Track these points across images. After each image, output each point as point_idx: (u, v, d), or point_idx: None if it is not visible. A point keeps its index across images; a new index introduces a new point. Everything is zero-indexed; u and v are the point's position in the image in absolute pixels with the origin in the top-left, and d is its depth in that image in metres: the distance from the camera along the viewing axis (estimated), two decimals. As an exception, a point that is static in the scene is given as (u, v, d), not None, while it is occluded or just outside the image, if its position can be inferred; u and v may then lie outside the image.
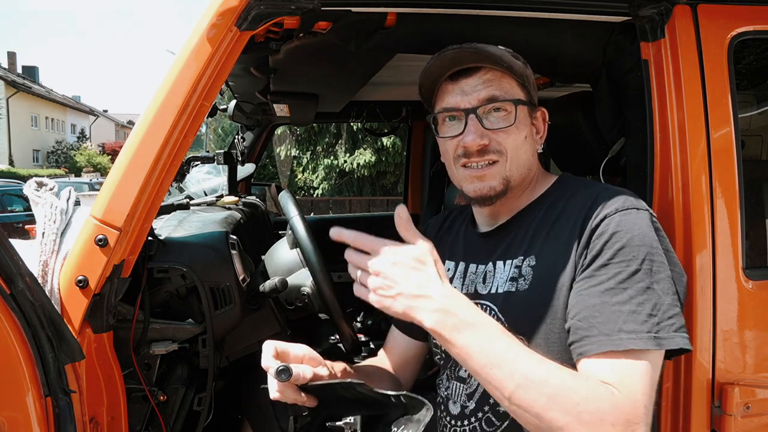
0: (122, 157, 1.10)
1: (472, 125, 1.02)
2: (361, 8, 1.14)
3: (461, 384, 1.08)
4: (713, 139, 1.15)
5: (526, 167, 1.07)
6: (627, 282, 0.88)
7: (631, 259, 0.89)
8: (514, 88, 1.05)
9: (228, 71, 1.14)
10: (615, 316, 0.87)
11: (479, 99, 1.03)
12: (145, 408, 1.29)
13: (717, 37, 1.18)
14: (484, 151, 1.03)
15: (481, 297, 1.07)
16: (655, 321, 0.86)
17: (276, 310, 1.56)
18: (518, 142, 1.04)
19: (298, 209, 1.47)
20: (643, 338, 0.85)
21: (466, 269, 1.14)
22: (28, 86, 30.41)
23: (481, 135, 1.02)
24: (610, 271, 0.90)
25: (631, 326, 0.86)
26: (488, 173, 1.04)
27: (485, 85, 1.03)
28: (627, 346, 0.85)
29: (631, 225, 0.92)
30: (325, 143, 12.53)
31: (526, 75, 1.05)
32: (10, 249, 0.94)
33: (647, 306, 0.87)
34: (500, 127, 1.03)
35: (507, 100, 1.02)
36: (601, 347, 0.86)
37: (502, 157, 1.03)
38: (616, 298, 0.88)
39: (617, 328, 0.86)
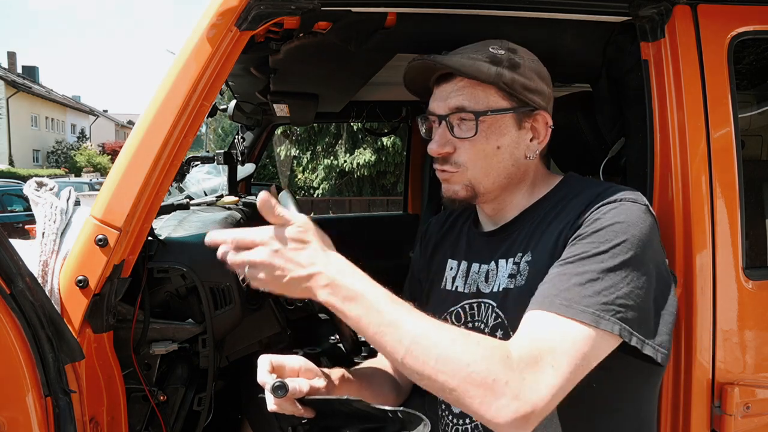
0: (122, 157, 1.10)
1: (438, 132, 1.04)
2: (361, 8, 1.14)
3: None
4: (713, 139, 1.15)
5: (502, 176, 1.05)
6: (588, 260, 0.87)
7: (603, 242, 0.88)
8: (490, 97, 1.02)
9: (228, 71, 1.14)
10: (561, 284, 0.86)
11: (449, 107, 1.03)
12: (145, 408, 1.30)
13: (717, 37, 1.18)
14: (445, 160, 1.05)
15: (484, 296, 1.07)
16: (600, 300, 0.83)
17: (276, 310, 1.56)
18: (486, 151, 1.02)
19: (298, 209, 1.47)
20: (575, 308, 0.83)
21: (468, 268, 1.14)
22: (28, 86, 30.41)
23: (443, 143, 1.03)
24: (578, 248, 0.89)
25: (569, 295, 0.84)
26: (451, 178, 1.06)
27: (457, 93, 1.03)
28: (556, 310, 0.83)
29: (619, 213, 0.90)
30: (325, 143, 12.52)
31: (505, 81, 1.01)
32: (10, 249, 0.94)
33: (599, 284, 0.84)
34: (464, 137, 1.02)
35: (471, 112, 1.01)
36: (533, 305, 0.86)
37: (460, 167, 1.04)
38: (570, 269, 0.87)
39: (555, 293, 0.85)
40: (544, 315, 0.85)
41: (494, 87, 1.02)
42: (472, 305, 1.09)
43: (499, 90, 1.02)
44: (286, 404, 0.91)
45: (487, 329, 1.04)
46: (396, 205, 10.29)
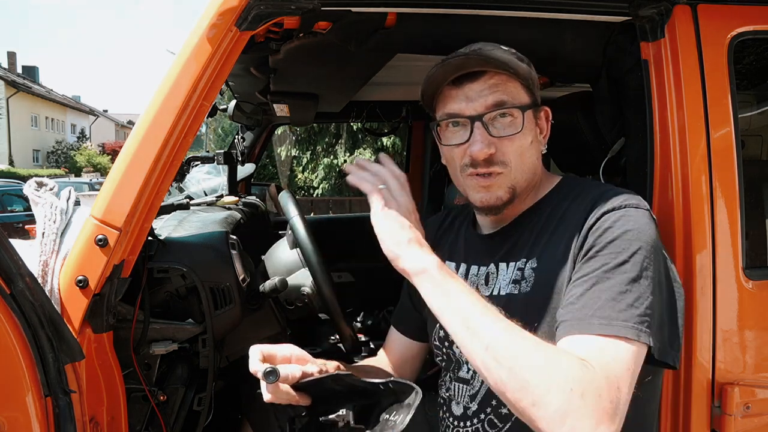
0: (122, 157, 1.10)
1: (478, 133, 0.99)
2: (361, 8, 1.14)
3: (464, 385, 1.08)
4: (713, 139, 1.15)
5: (532, 171, 1.05)
6: (612, 272, 0.87)
7: (620, 251, 0.88)
8: (520, 92, 1.02)
9: (228, 71, 1.14)
10: (592, 302, 0.85)
11: (486, 105, 0.99)
12: (145, 408, 1.29)
13: (717, 37, 1.18)
14: (490, 161, 1.00)
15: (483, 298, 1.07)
16: (635, 312, 0.84)
17: (276, 310, 1.56)
18: (524, 148, 1.01)
19: (298, 209, 1.47)
20: (616, 325, 0.83)
21: (467, 270, 1.13)
22: (28, 86, 30.40)
23: (488, 144, 0.99)
24: (598, 262, 0.89)
25: (606, 312, 0.84)
26: (495, 183, 1.02)
27: (491, 90, 1.00)
28: (596, 330, 0.83)
29: (627, 221, 0.91)
30: (325, 143, 12.52)
31: (531, 77, 1.03)
32: (10, 249, 0.94)
33: (629, 296, 0.85)
34: (507, 134, 1.00)
35: (515, 107, 1.00)
36: (572, 329, 0.85)
37: (507, 168, 1.01)
38: (598, 286, 0.87)
39: (591, 314, 0.84)
40: (586, 339, 0.83)
41: (520, 83, 1.02)
42: None
43: (524, 86, 1.02)
44: (281, 392, 0.91)
45: None
46: (396, 205, 10.26)
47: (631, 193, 0.97)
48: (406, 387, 0.86)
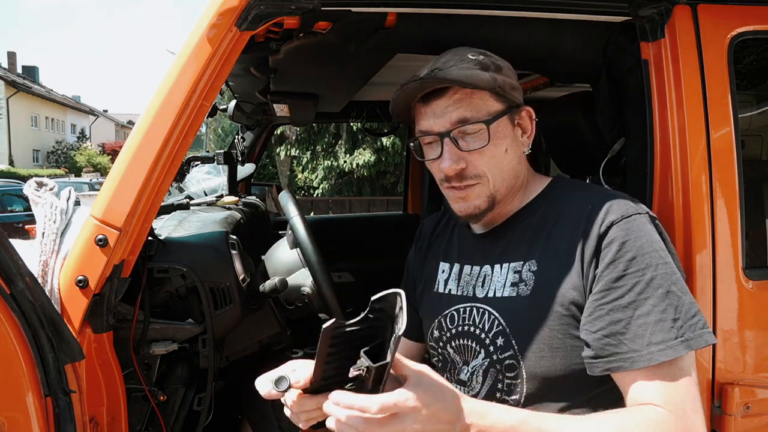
0: (122, 157, 1.10)
1: (447, 150, 1.01)
2: (361, 8, 1.14)
3: (462, 387, 1.08)
4: (713, 139, 1.15)
5: (513, 176, 1.05)
6: (646, 291, 0.89)
7: (645, 267, 0.90)
8: (487, 103, 1.01)
9: (228, 71, 1.14)
10: (642, 329, 0.88)
11: (451, 122, 1.00)
12: (145, 408, 1.29)
13: (717, 37, 1.18)
14: (462, 176, 1.02)
15: (479, 300, 1.07)
16: (680, 324, 0.88)
17: (276, 310, 1.56)
18: (497, 157, 1.02)
19: (298, 209, 1.47)
20: (672, 346, 0.87)
21: (460, 271, 1.14)
22: (28, 86, 30.40)
23: (456, 159, 1.00)
24: (627, 282, 0.90)
25: (659, 336, 0.87)
26: (471, 194, 1.03)
27: (455, 106, 1.00)
28: (659, 359, 0.86)
29: (639, 232, 0.93)
30: (325, 143, 12.52)
31: (499, 84, 1.01)
32: (10, 249, 0.94)
33: (670, 311, 0.88)
34: (476, 148, 1.00)
35: (479, 121, 0.99)
36: (634, 364, 0.88)
37: (482, 179, 1.02)
38: (639, 311, 0.89)
39: (646, 342, 0.87)
40: (653, 371, 0.87)
41: (488, 92, 1.01)
42: (465, 309, 1.09)
43: (492, 94, 1.01)
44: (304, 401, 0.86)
45: (486, 336, 1.04)
46: (396, 205, 10.29)
47: (626, 197, 0.99)
48: (389, 297, 0.82)
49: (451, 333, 1.10)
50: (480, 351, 1.05)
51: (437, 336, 1.13)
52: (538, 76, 2.11)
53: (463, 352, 1.08)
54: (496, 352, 1.02)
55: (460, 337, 1.08)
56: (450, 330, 1.10)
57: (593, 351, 0.91)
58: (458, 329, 1.09)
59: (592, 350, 0.91)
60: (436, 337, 1.14)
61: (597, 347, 0.91)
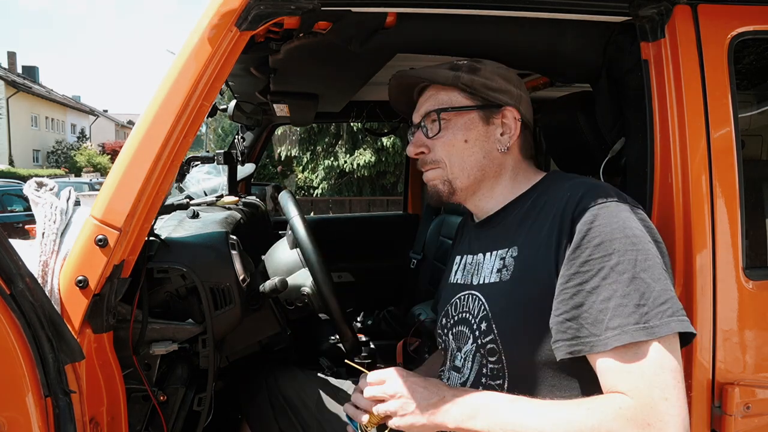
0: (122, 157, 1.10)
1: (414, 137, 1.17)
2: (361, 8, 1.14)
3: (456, 373, 1.11)
4: (713, 139, 1.15)
5: (476, 169, 1.12)
6: (611, 276, 0.88)
7: (612, 252, 0.89)
8: (452, 98, 1.12)
9: (228, 71, 1.14)
10: (602, 314, 0.87)
11: (419, 113, 1.16)
12: (145, 408, 1.29)
13: (717, 37, 1.18)
14: (424, 161, 1.16)
15: (474, 287, 1.11)
16: (644, 311, 0.86)
17: (276, 310, 1.56)
18: (456, 146, 1.11)
19: (298, 209, 1.47)
20: (629, 332, 0.85)
21: (465, 261, 1.19)
22: (28, 86, 30.38)
23: (417, 144, 1.15)
24: (593, 267, 0.90)
25: (616, 321, 0.86)
26: (432, 177, 1.15)
27: (425, 100, 1.16)
28: (613, 344, 0.85)
29: (611, 217, 0.92)
30: (325, 143, 12.52)
31: (463, 81, 1.10)
32: (10, 249, 0.93)
33: (634, 297, 0.87)
34: (433, 135, 1.13)
35: (433, 111, 1.12)
36: (592, 348, 0.88)
37: (440, 163, 1.13)
38: (602, 295, 0.88)
39: (605, 327, 0.86)
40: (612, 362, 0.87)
41: (456, 89, 1.12)
42: (464, 296, 1.13)
43: (461, 91, 1.12)
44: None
45: (474, 321, 1.07)
46: (396, 205, 10.30)
47: (609, 187, 0.99)
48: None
49: (453, 320, 1.15)
50: (470, 336, 1.09)
51: (444, 323, 1.19)
52: (538, 76, 2.11)
53: (459, 338, 1.12)
54: (480, 337, 1.05)
55: (458, 324, 1.13)
56: (453, 317, 1.15)
57: (555, 335, 0.92)
58: (458, 316, 1.13)
59: (556, 333, 0.92)
60: (443, 324, 1.19)
61: (560, 330, 0.92)
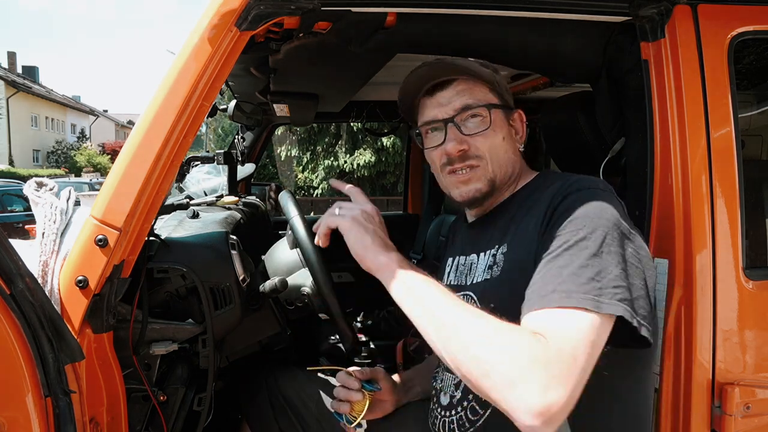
0: (122, 157, 1.10)
1: (451, 133, 1.10)
2: (361, 8, 1.14)
3: (450, 373, 1.12)
4: (713, 139, 1.15)
5: (509, 165, 1.12)
6: (573, 248, 0.87)
7: (580, 228, 0.89)
8: (486, 95, 1.11)
9: (228, 71, 1.14)
10: (554, 278, 0.85)
11: (455, 108, 1.10)
12: (145, 408, 1.29)
13: (717, 37, 1.18)
14: (465, 157, 1.09)
15: (468, 288, 1.11)
16: (596, 285, 0.83)
17: (276, 310, 1.56)
18: (496, 143, 1.10)
19: (298, 209, 1.47)
20: (575, 297, 0.82)
21: (458, 262, 1.19)
22: (28, 86, 30.38)
23: (460, 141, 1.09)
24: (559, 240, 0.89)
25: (566, 286, 0.84)
26: (472, 176, 1.10)
27: (459, 95, 1.10)
28: (555, 303, 0.83)
29: (589, 200, 0.92)
30: (325, 143, 12.52)
31: (497, 81, 1.11)
32: (10, 249, 0.93)
33: (589, 271, 0.84)
34: (478, 131, 1.09)
35: (481, 106, 1.09)
36: (533, 304, 0.85)
37: (482, 161, 1.09)
38: (558, 262, 0.87)
39: (552, 289, 0.84)
40: (545, 313, 0.83)
41: (488, 86, 1.11)
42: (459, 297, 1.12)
43: (491, 89, 1.11)
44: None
45: None
46: (396, 205, 10.30)
47: (597, 179, 1.01)
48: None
49: None
50: None
51: None
52: (538, 76, 2.11)
53: None
54: None
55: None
56: None
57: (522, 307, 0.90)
58: None
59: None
60: None
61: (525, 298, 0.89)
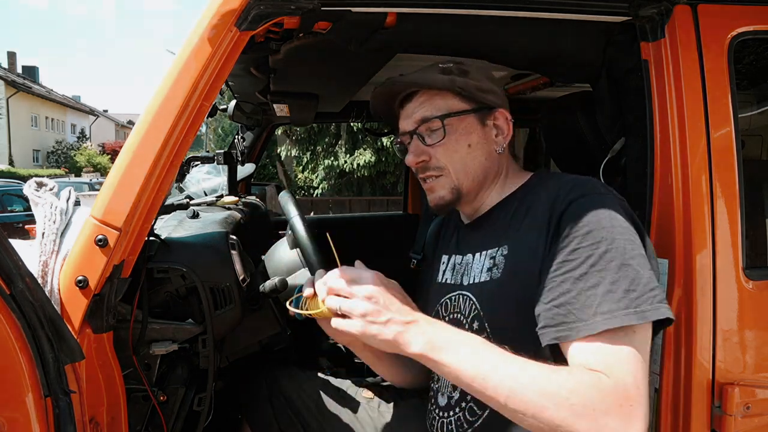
0: (122, 157, 1.10)
1: (413, 145, 1.13)
2: (361, 8, 1.14)
3: None
4: (713, 139, 1.15)
5: (480, 172, 1.12)
6: (599, 264, 0.89)
7: (600, 241, 0.90)
8: (449, 103, 1.10)
9: (228, 71, 1.14)
10: (591, 300, 0.87)
11: (416, 120, 1.12)
12: (145, 408, 1.29)
13: (717, 37, 1.18)
14: (426, 168, 1.12)
15: (464, 288, 1.11)
16: (633, 296, 0.86)
17: (276, 310, 1.56)
18: (460, 152, 1.10)
19: (298, 209, 1.47)
20: (618, 316, 0.85)
21: (454, 260, 1.19)
22: (28, 86, 30.37)
23: (418, 153, 1.11)
24: (581, 255, 0.90)
25: (606, 307, 0.86)
26: (436, 185, 1.13)
27: (419, 107, 1.12)
28: (601, 327, 0.85)
29: (598, 207, 0.93)
30: (325, 143, 12.52)
31: (459, 85, 1.09)
32: (10, 249, 0.93)
33: (623, 283, 0.87)
34: (436, 142, 1.10)
35: (435, 117, 1.09)
36: (578, 333, 0.87)
37: (444, 170, 1.11)
38: (590, 282, 0.88)
39: (593, 312, 0.86)
40: (597, 342, 0.86)
41: (451, 93, 1.10)
42: (455, 297, 1.13)
43: (456, 95, 1.10)
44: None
45: (466, 321, 1.07)
46: (396, 205, 10.29)
47: (596, 182, 1.01)
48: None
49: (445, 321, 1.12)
50: None
51: None
52: (538, 76, 2.11)
53: None
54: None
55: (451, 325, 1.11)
56: (444, 318, 1.14)
57: (543, 321, 0.92)
58: (450, 317, 1.13)
59: (543, 320, 0.92)
60: None
61: (547, 317, 0.91)
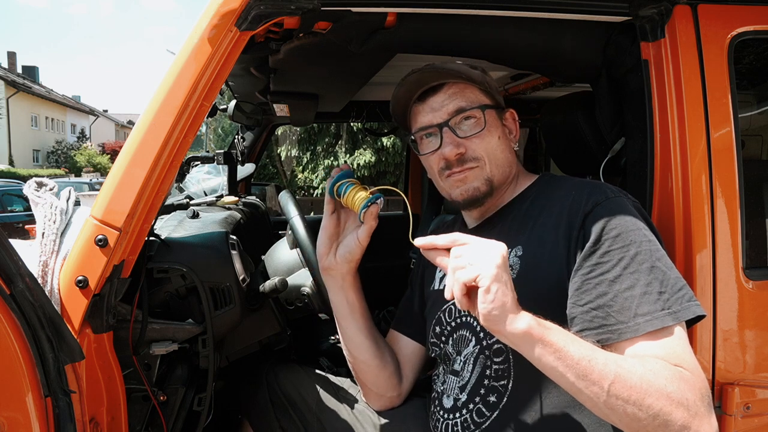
0: (122, 157, 1.10)
1: (447, 137, 1.10)
2: (361, 8, 1.14)
3: (455, 377, 1.11)
4: (713, 139, 1.15)
5: (506, 164, 1.13)
6: (632, 266, 0.92)
7: (630, 243, 0.93)
8: (478, 96, 1.12)
9: (228, 71, 1.14)
10: (629, 302, 0.90)
11: (448, 112, 1.10)
12: (145, 408, 1.29)
13: (717, 37, 1.18)
14: (463, 160, 1.10)
15: None
16: (666, 297, 0.90)
17: (276, 310, 1.56)
18: (493, 143, 1.11)
19: (298, 209, 1.47)
20: (659, 317, 0.88)
21: None
22: (28, 86, 30.37)
23: (456, 144, 1.09)
24: (613, 257, 0.93)
25: (645, 308, 0.89)
26: (470, 175, 1.11)
27: (451, 99, 1.11)
28: (645, 329, 0.88)
29: (622, 211, 0.97)
30: (325, 143, 12.52)
31: (487, 82, 1.13)
32: (10, 249, 0.93)
33: (656, 285, 0.90)
34: (473, 133, 1.10)
35: (474, 108, 1.10)
36: (621, 335, 0.89)
37: (480, 161, 1.10)
38: (625, 284, 0.91)
39: (633, 314, 0.89)
40: (644, 340, 0.88)
41: (478, 88, 1.12)
42: None
43: (482, 90, 1.12)
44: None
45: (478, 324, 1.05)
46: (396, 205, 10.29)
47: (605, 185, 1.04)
48: None
49: (450, 327, 1.14)
50: (471, 339, 1.08)
51: (438, 332, 1.17)
52: (538, 76, 2.11)
53: (458, 343, 1.12)
54: (485, 338, 1.05)
55: (457, 329, 1.12)
56: (450, 323, 1.14)
57: (581, 324, 0.93)
58: (456, 321, 1.12)
59: (580, 323, 0.93)
60: (437, 333, 1.17)
61: (585, 320, 0.93)
